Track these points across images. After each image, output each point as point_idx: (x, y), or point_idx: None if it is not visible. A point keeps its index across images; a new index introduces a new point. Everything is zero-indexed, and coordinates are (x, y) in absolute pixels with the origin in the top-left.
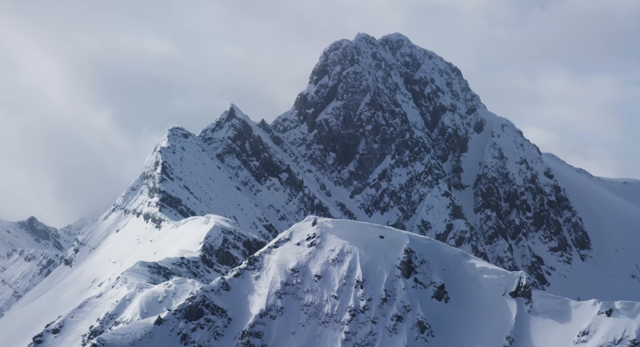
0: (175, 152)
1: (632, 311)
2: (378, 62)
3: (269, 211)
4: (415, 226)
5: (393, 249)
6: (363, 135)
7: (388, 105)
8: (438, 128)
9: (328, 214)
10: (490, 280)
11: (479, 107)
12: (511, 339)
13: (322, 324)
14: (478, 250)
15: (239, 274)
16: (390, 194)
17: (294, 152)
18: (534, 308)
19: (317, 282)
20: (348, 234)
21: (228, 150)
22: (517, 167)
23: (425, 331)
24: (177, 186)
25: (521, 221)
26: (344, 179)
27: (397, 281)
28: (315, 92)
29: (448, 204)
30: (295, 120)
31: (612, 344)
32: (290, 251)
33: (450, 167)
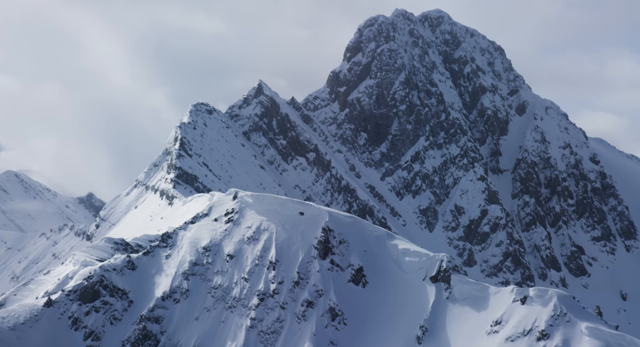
0: (196, 128)
1: (544, 299)
2: (415, 39)
3: (295, 191)
4: (448, 210)
5: (312, 227)
6: (396, 115)
7: (424, 85)
8: (477, 109)
9: (355, 196)
10: (411, 263)
11: (522, 88)
12: (424, 329)
13: (228, 308)
14: (513, 237)
15: (148, 252)
16: (422, 177)
17: (323, 132)
18: (453, 294)
19: (228, 262)
20: (267, 210)
21: (254, 128)
22: (560, 152)
23: (337, 318)
24: (195, 162)
25: (562, 208)
26: (375, 161)
27: (312, 263)
28: (348, 70)
29: (483, 189)
30: (327, 98)
31: (522, 335)
32: (206, 228)
33: (488, 150)
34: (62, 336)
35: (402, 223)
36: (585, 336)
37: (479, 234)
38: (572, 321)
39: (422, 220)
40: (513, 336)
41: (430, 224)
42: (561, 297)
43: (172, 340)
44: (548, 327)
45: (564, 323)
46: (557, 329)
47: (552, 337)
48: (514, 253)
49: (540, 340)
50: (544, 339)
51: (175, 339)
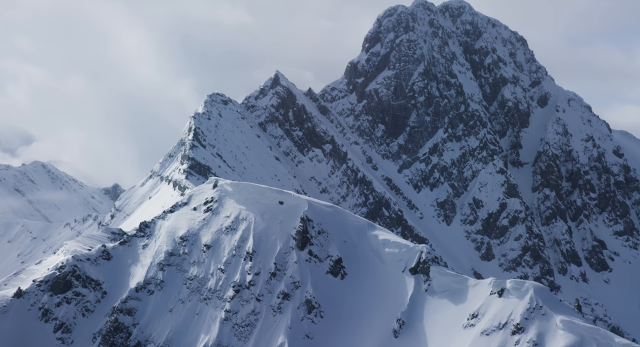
0: (211, 118)
1: (521, 291)
2: (435, 29)
3: (310, 183)
4: (466, 203)
5: (291, 217)
6: (414, 106)
7: (443, 76)
8: (497, 101)
9: (372, 188)
10: (391, 254)
11: (545, 79)
12: (401, 322)
13: (203, 300)
14: (533, 231)
15: (125, 242)
16: (440, 170)
17: (340, 123)
18: (432, 287)
19: (205, 252)
20: (247, 199)
21: (271, 119)
22: (582, 145)
23: (314, 310)
24: (208, 153)
25: (583, 201)
26: (393, 153)
27: (290, 253)
28: (366, 61)
29: (503, 182)
30: (344, 89)
31: (497, 328)
32: (185, 217)
33: (509, 142)
34: (31, 328)
35: (419, 216)
36: (559, 329)
37: (498, 228)
38: (547, 314)
39: (440, 213)
40: (488, 330)
41: (447, 217)
42: (537, 289)
43: (145, 333)
44: (523, 321)
45: (539, 316)
46: (532, 322)
47: (527, 331)
48: (533, 247)
49: (515, 334)
50: (519, 333)
51: (148, 332)
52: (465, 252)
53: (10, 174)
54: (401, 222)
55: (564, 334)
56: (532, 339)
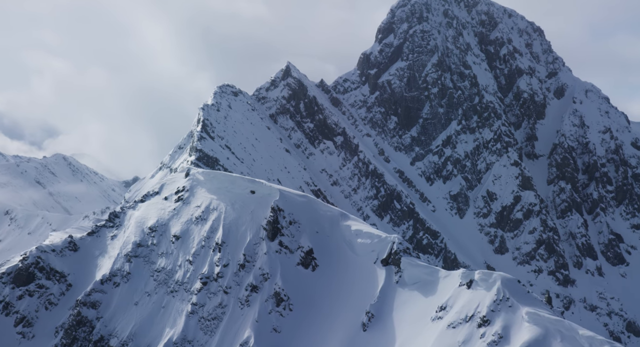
0: (220, 110)
1: (488, 283)
2: (449, 20)
3: (321, 176)
4: (479, 196)
5: (262, 207)
6: (428, 98)
7: (457, 67)
8: (513, 93)
9: (383, 180)
10: (363, 245)
11: (562, 70)
12: (371, 315)
13: (170, 293)
14: (548, 224)
15: (93, 232)
16: (454, 162)
17: (352, 115)
18: (403, 279)
19: (174, 243)
20: (218, 188)
21: (282, 111)
22: (599, 137)
23: (283, 303)
24: (217, 145)
25: (600, 194)
26: (405, 145)
27: (260, 244)
28: (379, 52)
29: (517, 174)
30: (357, 81)
31: (463, 321)
32: (155, 207)
33: (524, 135)
34: None
35: (432, 209)
36: (525, 322)
37: (512, 221)
38: (514, 306)
39: (453, 206)
40: (455, 322)
41: (460, 210)
42: (505, 281)
43: (108, 327)
44: (489, 313)
45: (505, 308)
46: (499, 314)
47: (493, 324)
48: (548, 241)
49: (481, 326)
50: (485, 326)
51: (112, 326)
52: (478, 246)
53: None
54: (413, 215)
55: (529, 326)
56: (497, 332)
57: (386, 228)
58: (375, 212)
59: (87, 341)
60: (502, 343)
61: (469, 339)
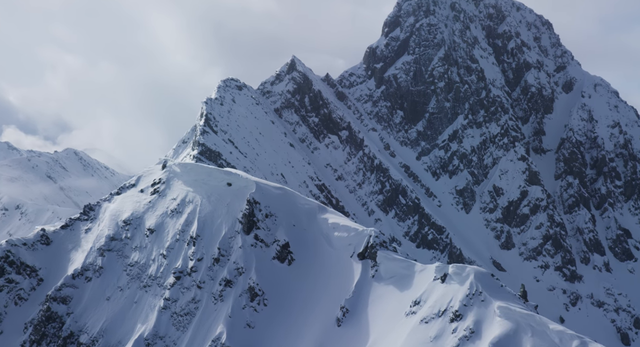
0: (224, 104)
1: (462, 276)
2: (457, 13)
3: (326, 170)
4: (486, 191)
5: (238, 199)
6: (434, 92)
7: (464, 61)
8: (520, 87)
9: (388, 175)
10: (340, 238)
11: (570, 64)
12: (345, 310)
13: (143, 288)
14: (555, 220)
15: (67, 226)
16: (460, 157)
17: (358, 109)
18: (379, 273)
19: (148, 237)
20: (195, 181)
21: (286, 105)
22: (608, 131)
23: (257, 298)
24: (220, 139)
25: (608, 189)
26: (411, 139)
27: (235, 238)
28: (385, 46)
29: (524, 169)
30: (363, 75)
31: (436, 316)
32: (131, 199)
33: (531, 129)
34: None
35: (438, 204)
36: (497, 316)
37: (518, 216)
38: (487, 300)
39: (459, 201)
40: (428, 317)
41: (467, 206)
42: (478, 274)
43: (79, 322)
44: (462, 308)
45: (478, 303)
46: (471, 309)
47: (465, 318)
48: (555, 236)
49: (454, 321)
50: (457, 320)
51: (82, 322)
52: (484, 241)
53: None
54: (418, 210)
55: (501, 320)
56: (469, 327)
57: (391, 223)
58: (380, 207)
59: (56, 337)
60: (473, 338)
61: (440, 334)
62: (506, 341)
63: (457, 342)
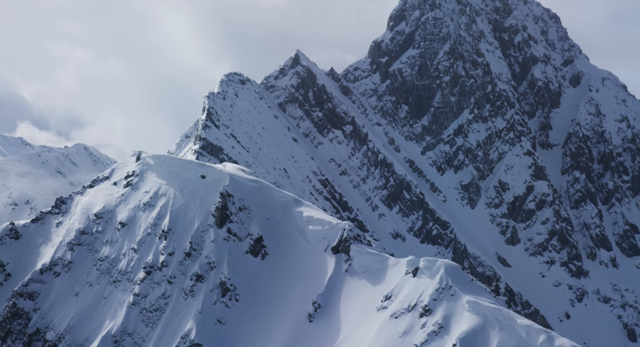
0: (226, 98)
1: (432, 270)
2: (462, 7)
3: (330, 165)
4: (491, 186)
5: (212, 192)
6: (439, 87)
7: (470, 55)
8: (527, 81)
9: (392, 170)
10: (314, 232)
11: (578, 58)
12: (317, 305)
13: (112, 283)
14: (561, 215)
15: (37, 219)
16: (465, 152)
17: (363, 104)
18: (353, 267)
19: (120, 231)
20: (168, 173)
21: (290, 99)
22: (615, 126)
23: (228, 293)
24: (221, 134)
25: (615, 184)
26: (416, 134)
27: (207, 232)
28: (390, 40)
29: (530, 164)
30: (368, 69)
31: (406, 311)
32: (104, 192)
33: (538, 124)
34: None
35: (442, 199)
36: (465, 311)
37: (524, 211)
38: (456, 294)
39: (464, 196)
40: (397, 312)
41: (472, 201)
42: (449, 268)
43: (45, 319)
44: (431, 302)
45: (448, 297)
46: (441, 303)
47: (434, 313)
48: (561, 231)
49: (423, 316)
50: (426, 315)
51: (49, 318)
52: (490, 237)
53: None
54: (422, 205)
55: (469, 315)
56: (438, 322)
57: (395, 218)
58: (384, 202)
59: (22, 334)
60: (441, 333)
61: (409, 329)
62: (473, 336)
63: (425, 338)
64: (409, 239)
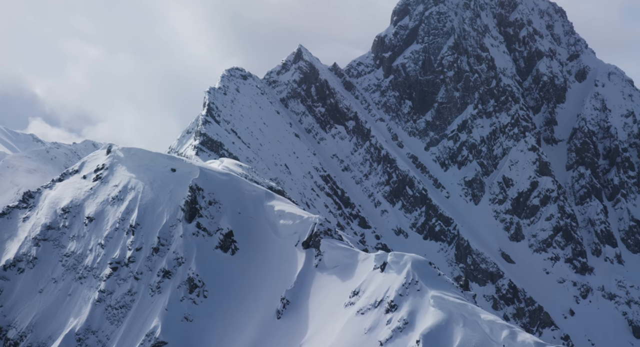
0: (227, 93)
1: (399, 265)
2: (467, 1)
3: (332, 161)
4: (495, 182)
5: (182, 186)
6: (443, 82)
7: (474, 50)
8: (532, 76)
9: (395, 166)
10: (285, 226)
11: (584, 53)
12: (286, 302)
13: (78, 279)
14: (565, 211)
15: (4, 214)
16: (469, 147)
17: (366, 99)
18: (323, 262)
19: (87, 226)
20: (139, 166)
21: (293, 95)
22: (621, 121)
23: (196, 290)
24: (222, 129)
25: (621, 180)
26: (420, 130)
27: (176, 227)
28: (394, 34)
29: (534, 160)
30: (371, 64)
31: (372, 307)
32: (72, 186)
33: (543, 119)
34: None
35: (446, 195)
36: (430, 306)
37: (528, 208)
38: (422, 289)
39: (468, 192)
40: (364, 308)
41: (475, 197)
42: (416, 263)
43: (7, 317)
44: (397, 298)
45: (414, 292)
46: (407, 299)
47: (400, 309)
48: (565, 227)
49: (389, 312)
50: (392, 311)
51: (11, 316)
52: (493, 233)
53: (61, 153)
54: (425, 201)
55: (435, 311)
56: (403, 318)
57: (398, 215)
58: (387, 199)
59: None
60: (406, 329)
61: (375, 325)
62: (437, 333)
63: (390, 334)
64: (411, 236)
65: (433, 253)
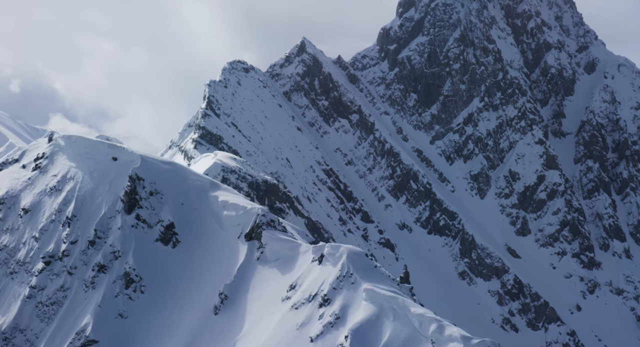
0: (228, 86)
1: (335, 257)
2: None
3: (335, 155)
4: (501, 176)
5: (123, 176)
6: (449, 74)
7: (480, 42)
8: (540, 68)
9: (399, 160)
10: (229, 218)
11: (593, 44)
12: (224, 297)
13: (9, 274)
14: (573, 205)
15: None
16: (475, 141)
17: (370, 92)
18: (265, 255)
19: (22, 217)
20: (79, 155)
21: (296, 88)
22: (631, 113)
23: (133, 285)
24: (222, 122)
25: (630, 173)
26: (425, 123)
27: (115, 218)
28: (399, 26)
29: (541, 153)
30: (376, 57)
31: (307, 301)
32: (10, 176)
33: (551, 112)
34: None
35: (451, 189)
36: (362, 300)
37: (535, 202)
38: (356, 282)
39: (473, 186)
40: (298, 303)
41: (481, 191)
42: (351, 255)
43: None
44: (331, 291)
45: (348, 286)
46: (340, 292)
47: (333, 303)
48: (573, 222)
49: (322, 306)
50: (325, 305)
51: None
52: (499, 227)
53: None
54: (429, 195)
55: (366, 304)
56: (335, 312)
57: (402, 209)
58: (391, 193)
59: None
60: (337, 325)
61: (307, 321)
62: (367, 327)
63: (321, 330)
64: (415, 230)
65: (437, 248)
